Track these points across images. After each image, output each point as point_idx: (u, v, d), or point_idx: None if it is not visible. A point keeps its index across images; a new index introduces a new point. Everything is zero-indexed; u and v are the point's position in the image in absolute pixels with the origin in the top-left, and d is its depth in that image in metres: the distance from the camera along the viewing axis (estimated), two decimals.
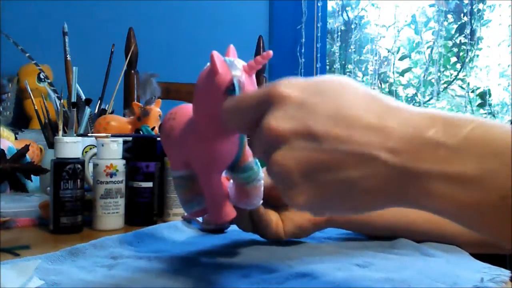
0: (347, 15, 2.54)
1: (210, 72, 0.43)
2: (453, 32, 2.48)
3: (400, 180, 0.33)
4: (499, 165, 0.31)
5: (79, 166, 0.68)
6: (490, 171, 0.31)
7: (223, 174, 0.49)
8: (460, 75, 2.43)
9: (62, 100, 0.96)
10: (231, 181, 0.49)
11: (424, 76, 2.36)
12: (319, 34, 2.29)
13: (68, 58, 1.06)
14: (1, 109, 1.82)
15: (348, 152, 0.33)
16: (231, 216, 0.49)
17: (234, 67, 0.43)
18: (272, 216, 0.57)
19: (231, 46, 0.46)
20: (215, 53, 0.43)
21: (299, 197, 0.34)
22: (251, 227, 0.58)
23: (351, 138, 0.33)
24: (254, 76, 0.45)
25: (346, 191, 0.34)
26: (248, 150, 0.47)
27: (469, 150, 0.32)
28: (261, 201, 0.49)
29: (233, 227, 0.68)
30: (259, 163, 0.48)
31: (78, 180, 0.67)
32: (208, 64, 0.44)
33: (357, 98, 0.34)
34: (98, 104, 1.11)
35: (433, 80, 2.29)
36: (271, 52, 0.43)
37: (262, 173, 0.48)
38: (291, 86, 0.36)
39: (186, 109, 0.51)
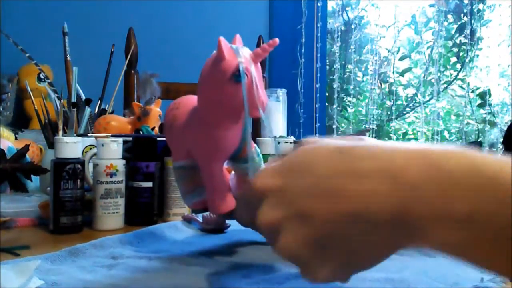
0: (347, 15, 2.54)
1: (216, 58, 0.44)
2: (453, 32, 2.48)
3: (392, 232, 0.33)
4: (487, 202, 0.30)
5: (79, 166, 0.68)
6: (479, 211, 0.30)
7: (225, 165, 0.49)
8: (460, 75, 2.43)
9: (62, 100, 0.96)
10: (232, 172, 0.49)
11: (424, 76, 2.36)
12: (319, 34, 2.29)
13: (68, 58, 1.06)
14: (1, 109, 1.82)
15: (337, 219, 0.33)
16: (231, 207, 0.49)
17: (240, 54, 0.43)
18: None
19: (238, 35, 0.46)
20: (222, 39, 0.43)
21: (317, 274, 0.35)
22: (250, 222, 0.57)
23: (336, 206, 0.33)
24: (259, 64, 0.45)
25: (351, 253, 0.35)
26: (250, 141, 0.47)
27: (455, 189, 0.30)
28: None
29: (233, 227, 0.68)
30: (261, 155, 0.48)
31: (78, 180, 0.67)
32: (215, 51, 0.44)
33: (329, 164, 0.34)
34: (98, 104, 1.11)
35: (433, 80, 2.29)
36: (277, 40, 0.43)
37: (263, 164, 0.48)
38: (267, 176, 0.37)
39: (190, 99, 0.51)
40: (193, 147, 0.49)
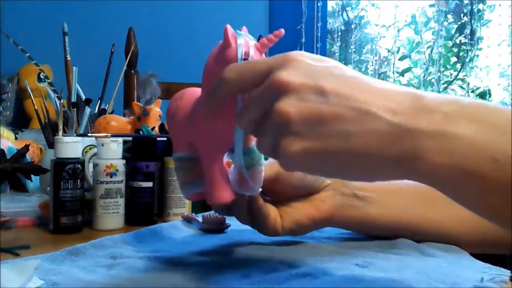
0: (347, 15, 2.54)
1: (222, 46, 0.44)
2: (453, 32, 2.48)
3: (396, 138, 0.35)
4: (493, 131, 0.34)
5: (79, 166, 0.68)
6: (484, 136, 0.33)
7: (225, 158, 0.49)
8: (460, 75, 2.43)
9: (62, 100, 0.96)
10: (232, 166, 0.49)
11: (424, 76, 2.36)
12: (319, 34, 2.29)
13: (68, 58, 1.06)
14: (1, 109, 1.82)
15: (351, 107, 0.35)
16: (229, 199, 0.49)
17: (242, 39, 0.43)
18: (271, 210, 0.57)
19: (244, 27, 0.46)
20: (229, 27, 0.43)
21: (293, 145, 0.36)
22: (249, 219, 0.57)
23: (356, 97, 0.35)
24: (264, 56, 0.45)
25: (343, 145, 0.35)
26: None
27: (464, 117, 0.34)
28: (261, 188, 0.49)
29: (233, 227, 0.68)
30: None
31: (78, 180, 0.67)
32: (220, 41, 0.44)
33: (361, 75, 0.38)
34: (98, 104, 1.11)
35: (433, 80, 2.29)
36: (282, 30, 0.43)
37: (263, 159, 0.48)
38: (302, 55, 0.39)
39: (194, 90, 0.51)
40: (195, 137, 0.49)
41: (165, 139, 0.81)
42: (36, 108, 0.99)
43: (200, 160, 0.49)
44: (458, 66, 2.46)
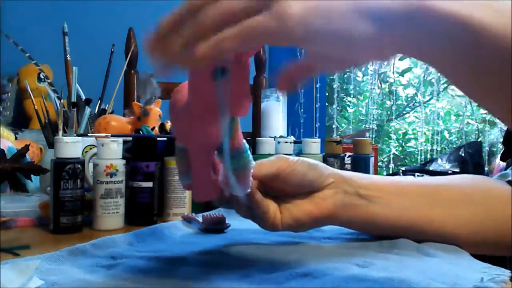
0: None
1: None
2: None
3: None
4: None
5: (79, 166, 0.68)
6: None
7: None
8: None
9: (62, 100, 0.96)
10: (222, 165, 0.49)
11: (424, 76, 2.36)
12: None
13: (68, 58, 1.06)
14: (1, 109, 1.82)
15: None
16: (210, 197, 0.50)
17: None
18: (270, 205, 0.57)
19: None
20: None
21: (291, 6, 0.34)
22: (249, 213, 0.57)
23: None
24: (248, 63, 0.45)
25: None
26: (239, 136, 0.47)
27: None
28: (247, 191, 0.49)
29: (233, 227, 0.68)
30: (249, 151, 0.48)
31: (78, 180, 0.67)
32: None
33: None
34: (98, 104, 1.11)
35: (433, 80, 2.29)
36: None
37: (252, 164, 0.48)
38: None
39: None
40: (185, 134, 0.50)
41: (165, 139, 0.81)
42: (36, 108, 0.99)
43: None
44: None
